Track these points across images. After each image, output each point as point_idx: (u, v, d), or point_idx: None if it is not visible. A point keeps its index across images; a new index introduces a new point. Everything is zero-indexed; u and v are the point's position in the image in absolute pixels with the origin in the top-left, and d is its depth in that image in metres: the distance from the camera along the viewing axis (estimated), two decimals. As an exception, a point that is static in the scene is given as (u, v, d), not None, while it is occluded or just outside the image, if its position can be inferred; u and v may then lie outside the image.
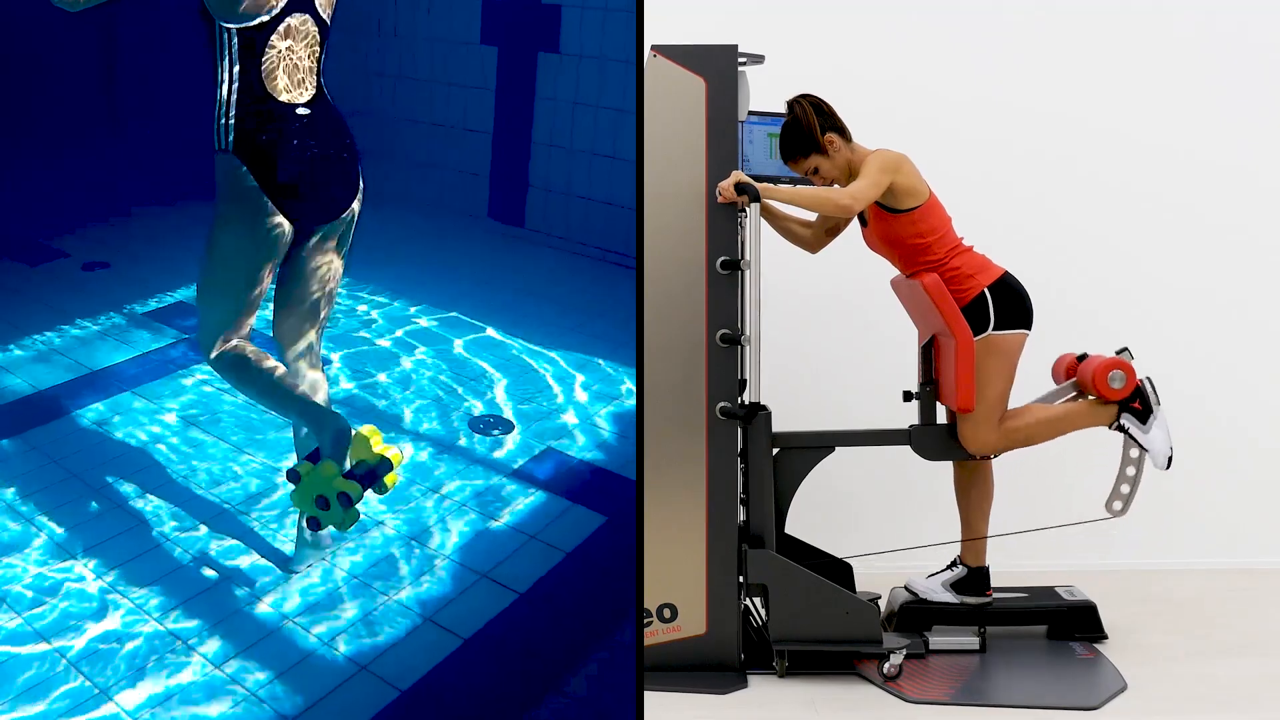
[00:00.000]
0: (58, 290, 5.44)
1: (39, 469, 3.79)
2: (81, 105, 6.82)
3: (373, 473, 2.90)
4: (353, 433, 2.97)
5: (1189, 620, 4.19)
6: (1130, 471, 3.87)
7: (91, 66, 6.85)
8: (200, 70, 2.92)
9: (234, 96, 2.83)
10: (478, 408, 4.30)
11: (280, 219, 2.92)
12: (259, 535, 3.46)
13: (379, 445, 2.94)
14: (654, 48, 3.66)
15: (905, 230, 3.74)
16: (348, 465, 2.92)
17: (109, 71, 6.95)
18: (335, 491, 2.81)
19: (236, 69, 2.82)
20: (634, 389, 4.29)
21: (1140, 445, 3.80)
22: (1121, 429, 3.82)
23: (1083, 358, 3.90)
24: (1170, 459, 3.81)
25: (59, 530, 3.43)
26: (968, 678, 3.61)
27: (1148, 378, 3.82)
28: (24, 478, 3.72)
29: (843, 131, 3.75)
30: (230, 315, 3.03)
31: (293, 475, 2.89)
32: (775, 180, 3.85)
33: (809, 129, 3.72)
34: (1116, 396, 3.78)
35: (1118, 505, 3.88)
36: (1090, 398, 3.84)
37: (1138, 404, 3.79)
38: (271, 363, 3.08)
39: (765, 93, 3.82)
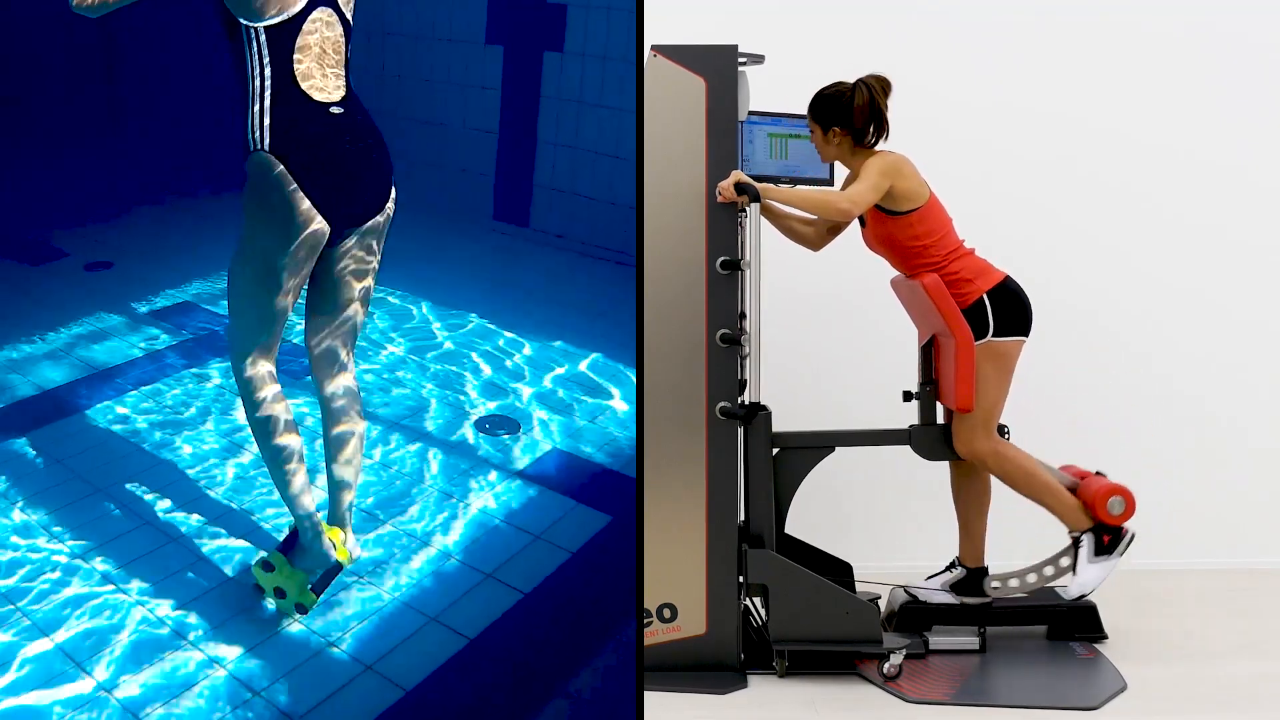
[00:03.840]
0: (60, 290, 5.44)
1: (42, 470, 3.79)
2: (81, 105, 6.82)
3: (326, 580, 3.14)
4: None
5: (1189, 620, 4.20)
6: (1032, 579, 3.80)
7: (91, 66, 6.85)
8: (202, 69, 2.88)
9: (267, 95, 2.76)
10: (483, 408, 4.30)
11: (318, 218, 2.82)
12: (266, 533, 3.47)
13: (339, 549, 3.14)
14: (654, 48, 3.67)
15: (902, 233, 3.74)
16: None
17: (109, 70, 6.95)
18: (295, 598, 3.07)
19: (267, 68, 2.76)
20: (635, 389, 4.30)
21: (1074, 567, 3.75)
22: (1076, 542, 3.77)
23: (1099, 474, 3.85)
24: (1080, 599, 3.76)
25: (62, 530, 3.44)
26: (968, 678, 3.62)
27: (1134, 533, 3.77)
28: (26, 478, 3.73)
29: (860, 135, 3.71)
30: (265, 322, 2.93)
31: (266, 565, 3.08)
32: (775, 180, 3.85)
33: (834, 110, 3.70)
34: (1100, 518, 3.73)
35: (995, 585, 3.82)
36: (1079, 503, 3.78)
37: (1107, 538, 3.74)
38: (294, 439, 3.02)
39: (765, 93, 3.83)
